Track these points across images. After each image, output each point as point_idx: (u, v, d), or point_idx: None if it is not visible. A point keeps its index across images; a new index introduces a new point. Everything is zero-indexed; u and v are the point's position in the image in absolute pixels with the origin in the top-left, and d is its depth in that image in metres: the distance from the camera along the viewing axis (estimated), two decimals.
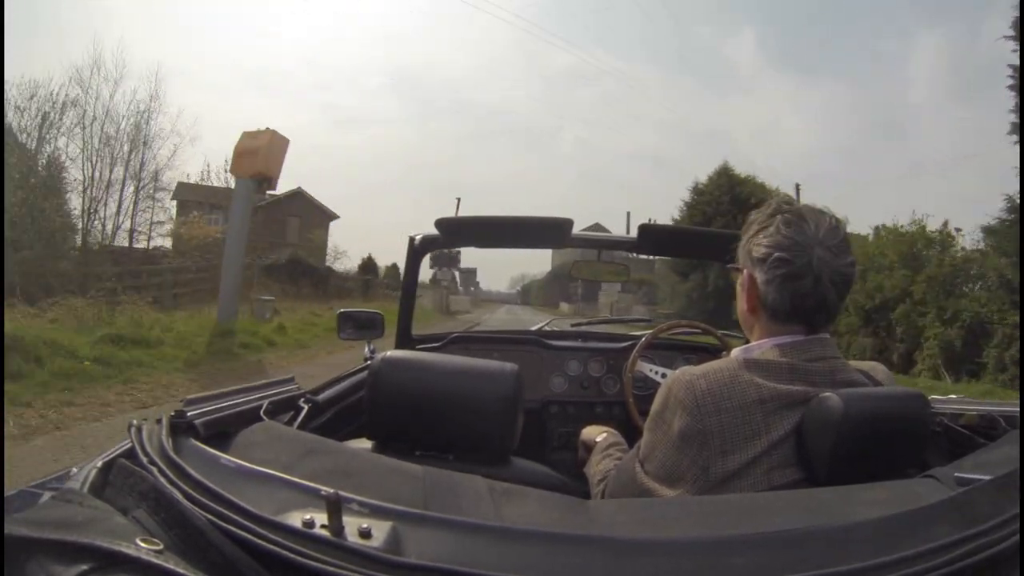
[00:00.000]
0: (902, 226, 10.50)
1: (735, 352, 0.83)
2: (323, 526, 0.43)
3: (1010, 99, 9.13)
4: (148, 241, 15.06)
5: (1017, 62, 8.70)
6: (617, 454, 1.02)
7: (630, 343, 1.80)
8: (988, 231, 9.48)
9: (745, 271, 0.82)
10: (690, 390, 0.74)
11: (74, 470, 0.56)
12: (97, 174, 13.10)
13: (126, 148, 13.79)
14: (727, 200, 17.08)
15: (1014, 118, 8.93)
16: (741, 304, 0.84)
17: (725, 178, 17.93)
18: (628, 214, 27.88)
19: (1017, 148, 8.62)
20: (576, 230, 1.67)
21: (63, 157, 12.73)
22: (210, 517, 0.44)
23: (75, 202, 12.58)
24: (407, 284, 1.81)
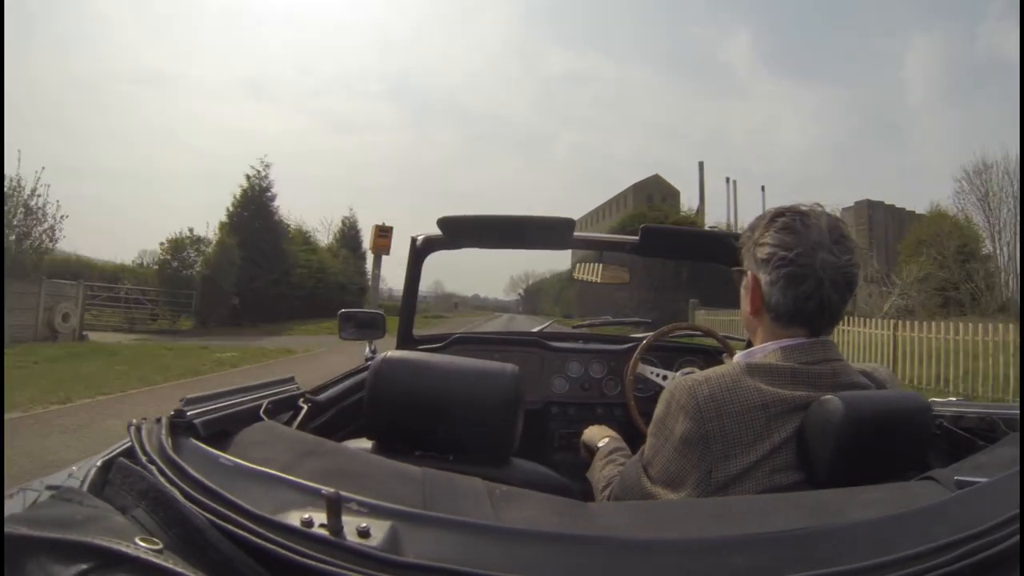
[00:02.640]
0: None
1: (737, 357, 0.83)
2: (322, 525, 0.43)
3: None
4: None
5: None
6: (620, 459, 1.02)
7: (631, 345, 1.80)
8: None
9: (749, 273, 0.82)
10: (692, 395, 0.75)
11: (74, 469, 0.56)
12: None
13: None
14: None
15: None
16: (745, 306, 0.84)
17: None
18: (701, 164, 26.25)
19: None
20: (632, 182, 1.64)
21: None
22: (209, 516, 0.44)
23: None
24: (409, 285, 1.81)
